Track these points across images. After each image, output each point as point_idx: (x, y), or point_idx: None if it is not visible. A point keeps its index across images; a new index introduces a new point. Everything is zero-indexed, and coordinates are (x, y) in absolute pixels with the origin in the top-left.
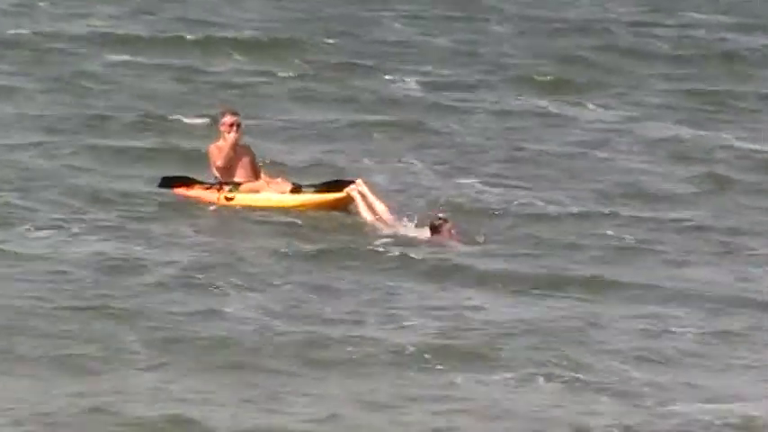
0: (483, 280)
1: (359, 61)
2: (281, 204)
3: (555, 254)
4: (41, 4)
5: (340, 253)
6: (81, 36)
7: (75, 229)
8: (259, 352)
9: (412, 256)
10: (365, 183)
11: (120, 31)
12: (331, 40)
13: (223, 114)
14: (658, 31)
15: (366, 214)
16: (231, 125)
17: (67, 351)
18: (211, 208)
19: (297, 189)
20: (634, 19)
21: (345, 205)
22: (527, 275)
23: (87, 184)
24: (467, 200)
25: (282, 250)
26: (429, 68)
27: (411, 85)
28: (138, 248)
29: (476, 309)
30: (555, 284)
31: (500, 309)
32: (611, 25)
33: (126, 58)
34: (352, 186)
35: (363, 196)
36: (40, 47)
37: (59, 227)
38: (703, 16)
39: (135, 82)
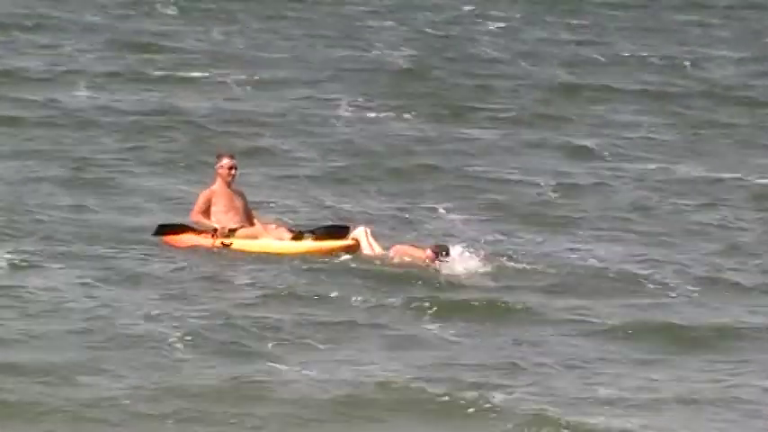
0: (455, 314)
1: (330, 95)
2: (282, 251)
3: (527, 287)
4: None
5: (322, 292)
6: (56, 71)
7: (55, 264)
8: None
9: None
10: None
11: (99, 68)
12: (302, 74)
13: (220, 157)
14: (639, 62)
15: (369, 252)
16: (230, 168)
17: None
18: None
19: (298, 236)
20: (615, 52)
21: (352, 252)
22: (498, 308)
23: (69, 219)
24: (443, 231)
25: (267, 291)
26: (405, 101)
27: (390, 116)
28: (117, 288)
29: (450, 345)
30: (530, 319)
31: (471, 344)
32: (591, 57)
33: (108, 93)
34: (359, 229)
35: (367, 239)
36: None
37: (37, 261)
38: (686, 48)
39: (120, 118)
